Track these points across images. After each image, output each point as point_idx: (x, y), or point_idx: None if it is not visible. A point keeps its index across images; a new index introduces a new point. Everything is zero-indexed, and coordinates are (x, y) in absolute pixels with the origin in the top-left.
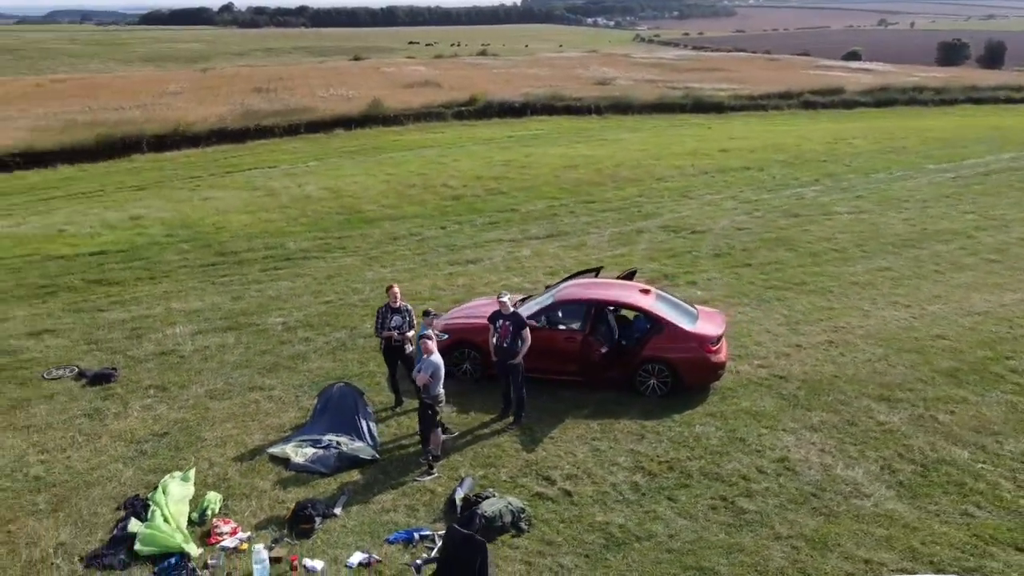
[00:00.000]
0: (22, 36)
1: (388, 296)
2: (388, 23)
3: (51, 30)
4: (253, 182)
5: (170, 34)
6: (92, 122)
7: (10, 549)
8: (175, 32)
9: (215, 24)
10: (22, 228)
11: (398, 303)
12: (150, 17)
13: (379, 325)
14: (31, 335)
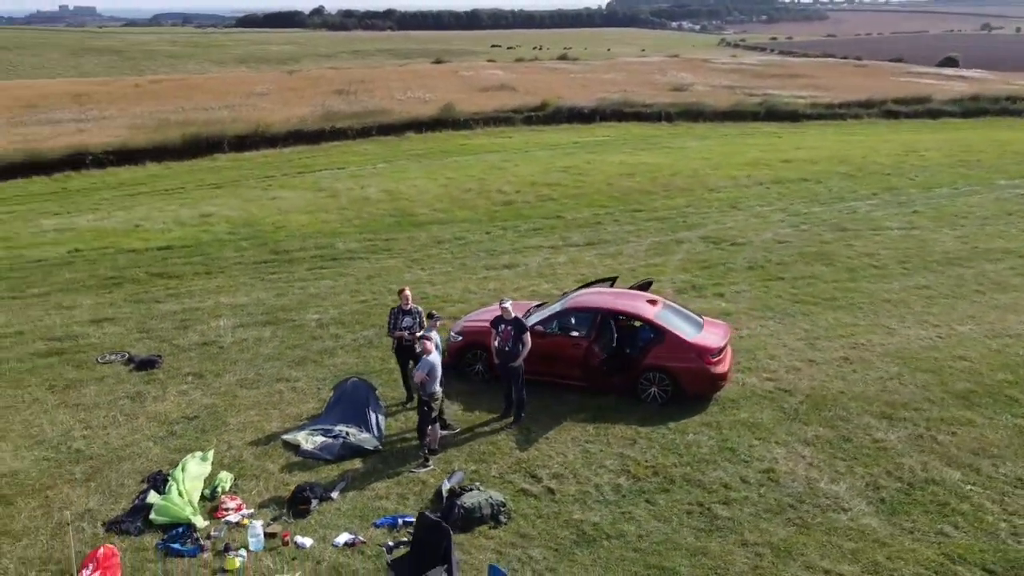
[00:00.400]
0: (127, 38)
1: (400, 299)
2: (472, 26)
3: (153, 32)
4: (320, 183)
5: (263, 36)
6: (183, 121)
7: (44, 512)
8: (268, 34)
9: (306, 27)
10: (104, 222)
11: (409, 305)
12: (246, 20)
13: (391, 326)
14: (93, 322)
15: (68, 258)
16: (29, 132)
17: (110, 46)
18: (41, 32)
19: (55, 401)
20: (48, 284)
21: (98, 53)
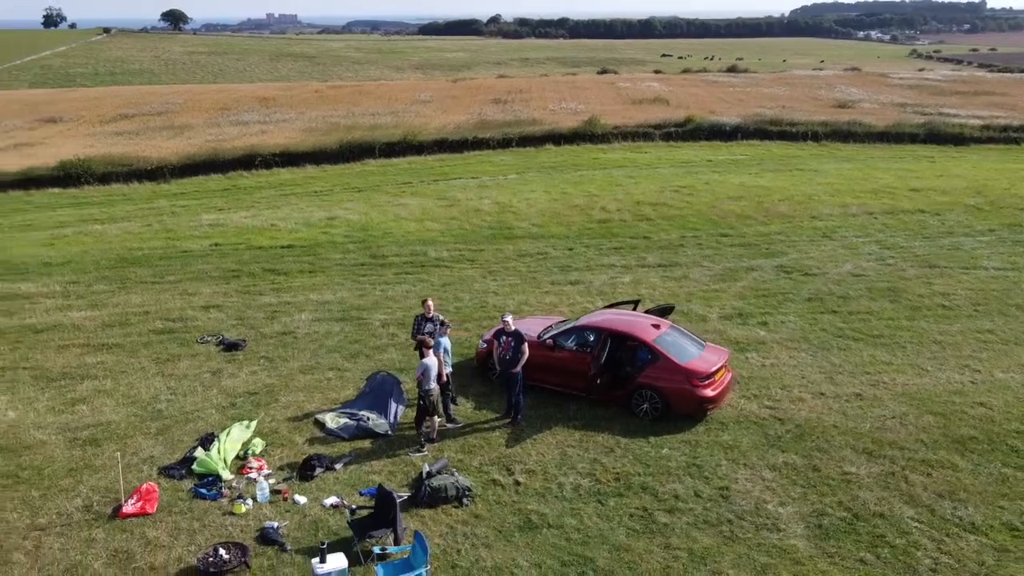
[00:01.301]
0: (319, 45)
1: (423, 308)
2: (644, 35)
3: (343, 39)
4: (446, 192)
5: (441, 43)
6: (350, 126)
7: (120, 454)
8: (445, 42)
9: (482, 35)
10: (250, 220)
11: (431, 314)
12: (427, 28)
13: (415, 330)
14: (204, 308)
15: (207, 251)
16: (221, 132)
17: (304, 52)
18: (247, 39)
19: (155, 371)
20: (183, 273)
21: (293, 59)
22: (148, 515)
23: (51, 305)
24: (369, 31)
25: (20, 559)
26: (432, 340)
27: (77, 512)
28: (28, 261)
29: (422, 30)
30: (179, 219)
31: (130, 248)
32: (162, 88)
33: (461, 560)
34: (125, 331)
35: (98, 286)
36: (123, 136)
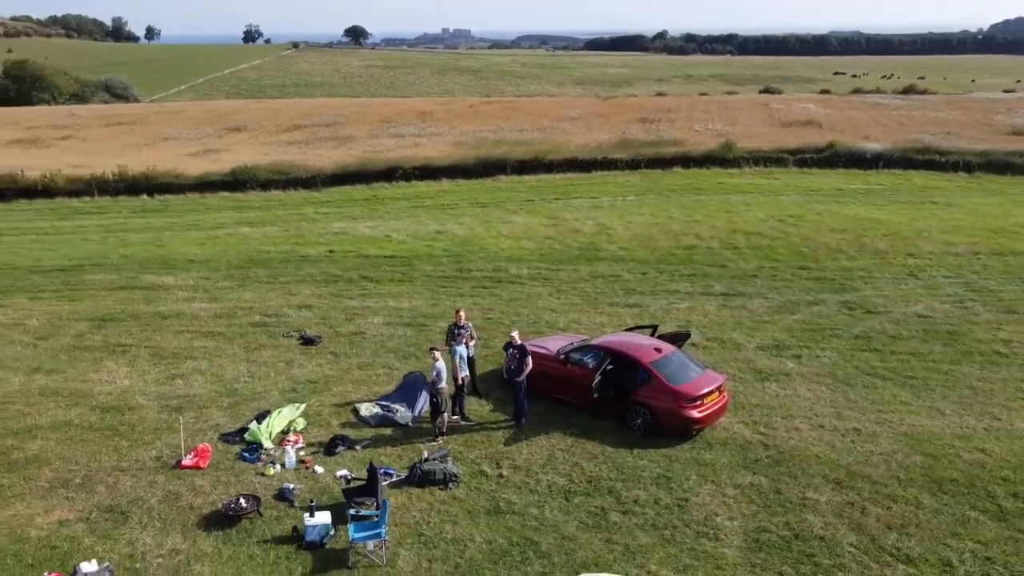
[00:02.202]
0: (485, 59)
1: (455, 317)
2: (818, 52)
3: (508, 54)
4: (557, 211)
5: (604, 59)
6: (499, 141)
7: (194, 420)
8: (609, 57)
9: (647, 51)
10: (371, 230)
11: (462, 323)
12: (593, 43)
13: (448, 336)
14: (298, 307)
15: (321, 257)
16: (379, 144)
17: (470, 67)
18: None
19: (243, 357)
20: (293, 275)
21: (459, 73)
22: (200, 469)
23: (181, 296)
24: (537, 45)
25: (101, 490)
26: (450, 346)
27: (149, 460)
28: (178, 258)
29: (588, 45)
30: (314, 226)
31: (260, 250)
32: (334, 100)
33: (428, 531)
34: (229, 322)
35: (223, 283)
36: (294, 145)
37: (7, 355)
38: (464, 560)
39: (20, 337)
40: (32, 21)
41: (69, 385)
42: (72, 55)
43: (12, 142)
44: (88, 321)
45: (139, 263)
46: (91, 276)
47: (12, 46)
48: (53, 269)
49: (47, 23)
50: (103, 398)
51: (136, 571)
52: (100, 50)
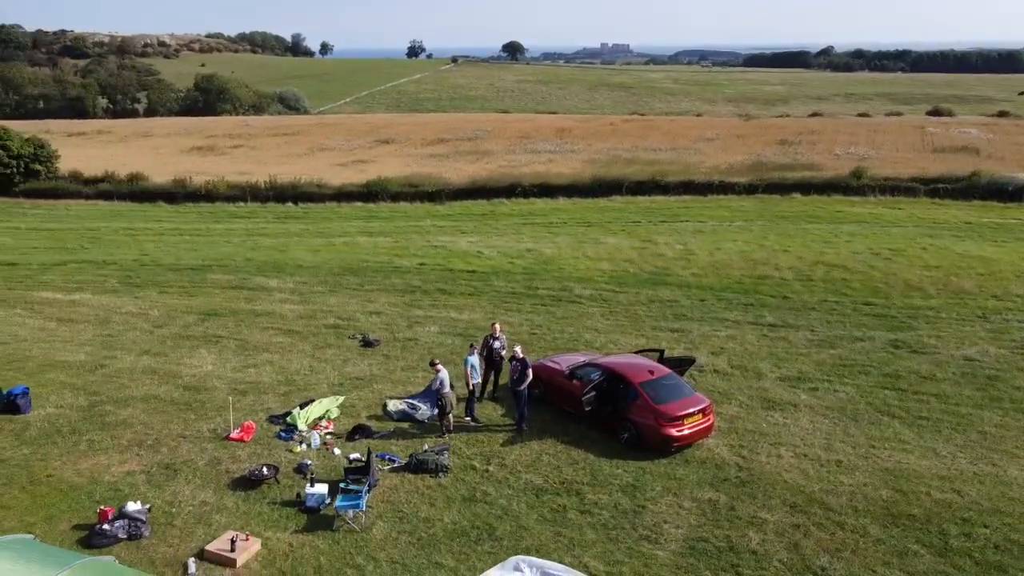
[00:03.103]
0: (638, 75)
1: (491, 329)
2: (1007, 69)
3: (662, 70)
4: (653, 234)
5: (761, 76)
6: (631, 160)
7: (252, 403)
8: (766, 74)
9: (810, 67)
10: (467, 245)
11: (497, 334)
12: (753, 59)
13: (483, 346)
14: (371, 313)
15: (411, 269)
16: (514, 159)
17: (622, 83)
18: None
19: (309, 353)
20: (379, 284)
21: (610, 88)
22: (243, 441)
23: (277, 298)
24: (696, 61)
25: (164, 451)
26: (436, 360)
27: (206, 432)
28: (290, 263)
29: (747, 61)
30: (422, 238)
31: (361, 259)
32: (479, 116)
33: (407, 509)
34: (308, 323)
35: (317, 287)
36: (436, 158)
37: (127, 339)
38: (428, 535)
39: (141, 324)
40: (224, 38)
41: (166, 366)
42: (255, 69)
43: (192, 149)
44: (196, 315)
45: (257, 266)
46: (213, 275)
47: (205, 60)
48: (186, 268)
49: (236, 40)
50: (188, 379)
51: (170, 515)
52: (279, 64)
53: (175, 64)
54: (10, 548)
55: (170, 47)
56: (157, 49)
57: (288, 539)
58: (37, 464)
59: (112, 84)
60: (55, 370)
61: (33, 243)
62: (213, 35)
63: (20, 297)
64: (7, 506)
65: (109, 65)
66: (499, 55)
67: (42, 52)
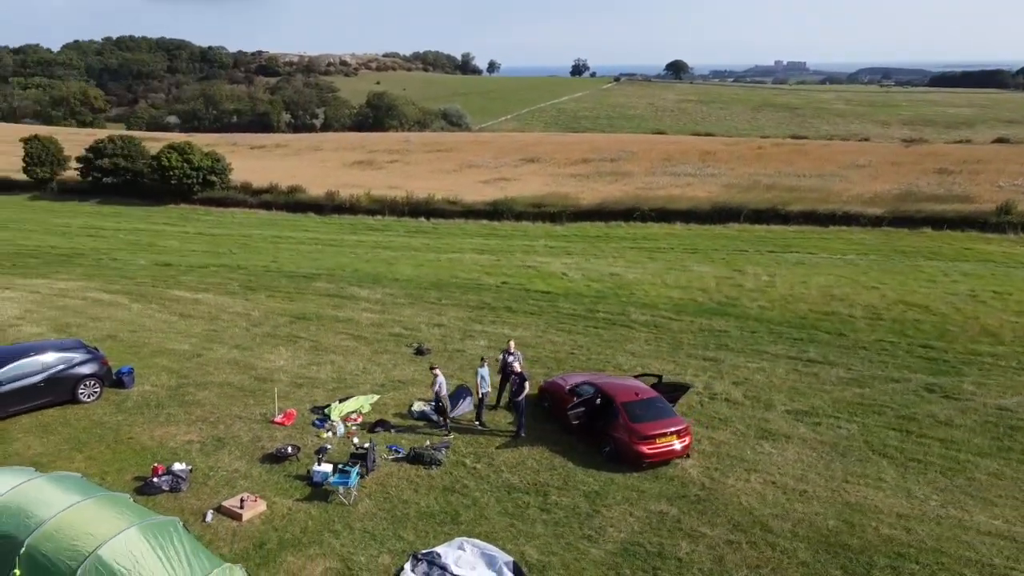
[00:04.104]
0: (807, 95)
1: (507, 345)
2: None
3: (834, 90)
4: (749, 264)
5: (946, 97)
6: (771, 186)
7: (305, 394)
8: (952, 95)
9: (1006, 87)
10: (559, 267)
11: (512, 350)
12: (941, 78)
13: (502, 359)
14: (434, 325)
15: (493, 287)
16: (652, 181)
17: (788, 103)
18: (737, 87)
19: (368, 357)
20: (455, 300)
21: (775, 109)
22: (284, 425)
23: (361, 307)
24: (878, 80)
25: (220, 427)
26: (436, 371)
27: (257, 415)
28: (389, 275)
29: (934, 80)
30: (523, 257)
31: (453, 275)
32: (625, 136)
33: (393, 492)
34: (376, 330)
35: (400, 299)
36: (575, 178)
37: (227, 334)
38: (402, 514)
39: (241, 323)
40: (399, 57)
41: (247, 359)
42: (425, 86)
43: (354, 163)
44: (288, 317)
45: (359, 277)
46: (318, 284)
47: (381, 79)
48: (300, 275)
49: (410, 59)
50: (260, 371)
51: (207, 476)
52: (448, 82)
53: (353, 82)
54: (60, 480)
55: (350, 66)
56: (339, 68)
57: (289, 504)
58: (124, 428)
59: (295, 100)
60: (162, 356)
61: (192, 246)
62: (389, 54)
63: (158, 294)
64: (93, 457)
65: (296, 83)
66: (663, 74)
67: (241, 71)
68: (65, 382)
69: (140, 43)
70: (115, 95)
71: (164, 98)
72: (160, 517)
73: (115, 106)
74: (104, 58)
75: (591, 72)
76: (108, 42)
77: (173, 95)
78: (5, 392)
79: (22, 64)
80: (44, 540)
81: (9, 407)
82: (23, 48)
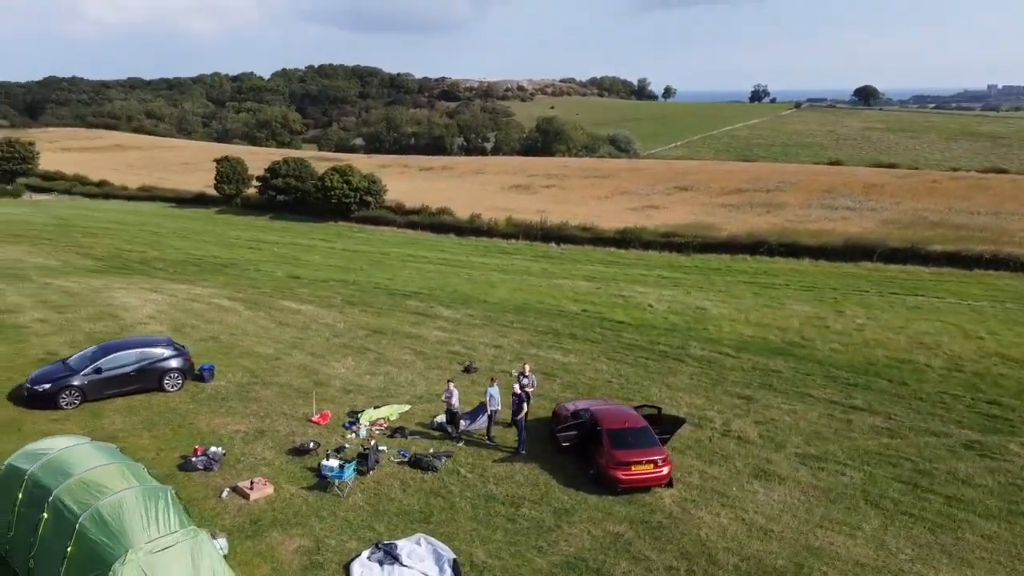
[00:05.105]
0: (1017, 123)
1: (521, 367)
2: None
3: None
4: (851, 305)
5: None
6: (937, 223)
7: (349, 400)
8: None
9: None
10: (653, 300)
11: (527, 373)
12: None
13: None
14: (493, 346)
15: (570, 313)
16: (804, 215)
17: (992, 132)
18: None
19: (419, 371)
20: (527, 324)
21: (973, 139)
22: (319, 424)
23: (436, 325)
24: None
25: (267, 421)
26: (450, 387)
27: (299, 413)
28: (480, 297)
29: None
30: (622, 287)
31: (538, 300)
32: (789, 166)
33: (386, 490)
34: (438, 347)
35: (475, 320)
36: (724, 208)
37: (309, 342)
38: (383, 509)
39: (326, 333)
40: (575, 83)
41: (314, 365)
42: (598, 111)
43: (511, 187)
44: (366, 330)
45: (452, 297)
46: (410, 302)
47: (555, 103)
48: (400, 293)
49: (586, 84)
50: (320, 376)
51: (239, 461)
52: (621, 107)
53: (528, 107)
54: (99, 447)
55: (527, 91)
56: (515, 93)
57: (293, 491)
58: (190, 415)
59: (468, 124)
60: (247, 357)
61: (330, 261)
62: (566, 80)
63: (270, 303)
64: (157, 436)
65: (473, 107)
66: (851, 99)
67: (424, 96)
68: (153, 373)
69: (338, 70)
70: (312, 118)
71: (354, 121)
72: (156, 485)
73: (311, 128)
74: (306, 84)
75: (771, 98)
76: (310, 70)
77: (362, 119)
78: (105, 378)
79: (238, 90)
80: (67, 492)
81: (106, 390)
82: (240, 76)
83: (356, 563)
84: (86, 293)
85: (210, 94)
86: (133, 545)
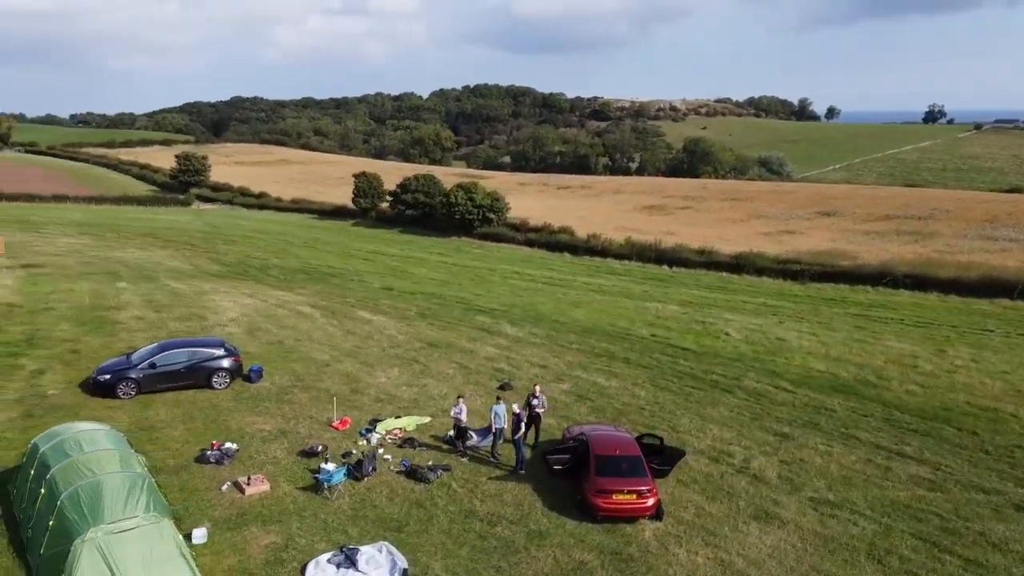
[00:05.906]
0: None
1: (533, 388)
2: None
3: None
4: (965, 345)
5: None
6: None
7: (377, 408)
8: None
9: None
10: (734, 327)
11: (536, 394)
12: None
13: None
14: (538, 366)
15: (637, 338)
16: (956, 245)
17: None
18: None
19: (457, 385)
20: (585, 346)
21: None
22: (338, 429)
23: (494, 342)
24: None
25: (292, 423)
26: (459, 405)
27: (322, 418)
28: (553, 316)
29: None
30: (710, 313)
31: (611, 323)
32: (948, 193)
33: (374, 498)
34: (484, 363)
35: (536, 339)
36: (866, 235)
37: (365, 351)
38: (362, 515)
39: (384, 343)
40: (731, 103)
41: (359, 374)
42: (752, 132)
43: (644, 207)
44: (423, 343)
45: (522, 316)
46: (479, 318)
47: (708, 124)
48: (474, 308)
49: (743, 104)
50: (360, 385)
51: (250, 458)
52: (777, 128)
53: (679, 127)
54: (107, 433)
55: (679, 111)
56: (667, 113)
57: (288, 490)
58: (226, 412)
59: (614, 144)
60: (300, 361)
61: (433, 275)
62: (721, 100)
63: (346, 312)
64: (190, 429)
65: (623, 127)
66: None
67: (575, 116)
68: (203, 371)
69: (492, 90)
70: (465, 136)
71: (504, 140)
72: (137, 472)
73: (463, 146)
74: (461, 104)
75: (948, 119)
76: (466, 89)
77: (512, 137)
78: (158, 373)
79: (398, 109)
80: (60, 471)
81: (159, 384)
82: (401, 95)
83: (312, 564)
84: (190, 295)
85: (372, 112)
86: (97, 525)
